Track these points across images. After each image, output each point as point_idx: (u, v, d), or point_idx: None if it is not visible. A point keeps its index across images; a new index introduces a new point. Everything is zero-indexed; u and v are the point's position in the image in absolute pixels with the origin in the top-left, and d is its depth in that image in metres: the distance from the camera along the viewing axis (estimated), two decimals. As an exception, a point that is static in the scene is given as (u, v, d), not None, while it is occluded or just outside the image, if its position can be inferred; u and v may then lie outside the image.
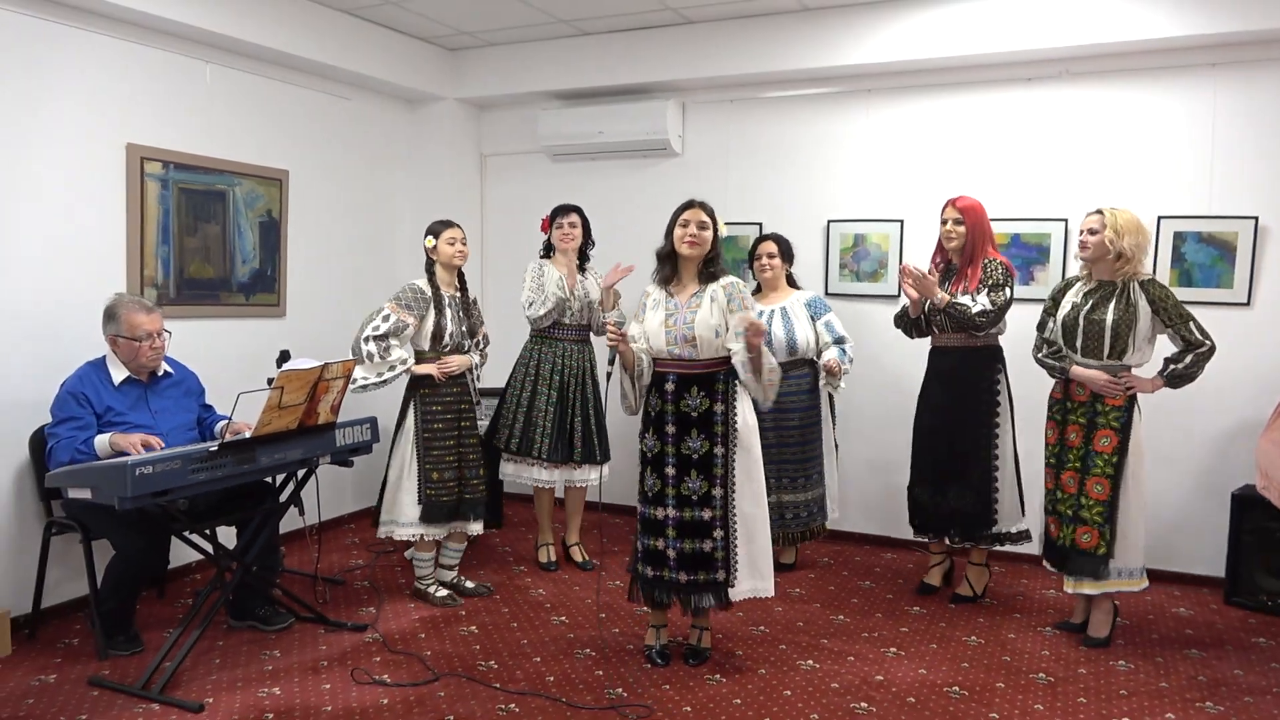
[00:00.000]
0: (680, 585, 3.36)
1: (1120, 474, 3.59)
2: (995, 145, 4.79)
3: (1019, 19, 4.45)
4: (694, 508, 3.33)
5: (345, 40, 4.99)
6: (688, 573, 3.34)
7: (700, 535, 3.33)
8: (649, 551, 3.40)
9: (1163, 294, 3.56)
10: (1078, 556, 3.64)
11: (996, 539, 4.08)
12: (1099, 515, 3.60)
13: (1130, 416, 3.59)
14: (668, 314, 3.36)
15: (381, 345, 3.88)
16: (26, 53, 3.75)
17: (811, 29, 4.88)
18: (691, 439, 3.34)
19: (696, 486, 3.33)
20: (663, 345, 3.34)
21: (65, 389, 3.49)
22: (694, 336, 3.31)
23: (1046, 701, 3.24)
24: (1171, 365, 3.61)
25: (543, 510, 4.69)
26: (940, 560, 4.34)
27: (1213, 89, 4.37)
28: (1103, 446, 3.61)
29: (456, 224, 4.11)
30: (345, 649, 3.64)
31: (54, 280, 3.87)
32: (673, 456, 3.35)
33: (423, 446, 3.98)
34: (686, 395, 3.34)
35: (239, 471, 3.30)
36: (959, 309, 3.92)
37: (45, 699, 3.19)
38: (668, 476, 3.36)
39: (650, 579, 3.40)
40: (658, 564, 3.38)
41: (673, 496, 3.34)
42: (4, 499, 3.73)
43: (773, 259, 4.47)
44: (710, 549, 3.33)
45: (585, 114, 5.53)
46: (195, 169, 4.43)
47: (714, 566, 3.34)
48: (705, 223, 3.36)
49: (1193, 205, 4.41)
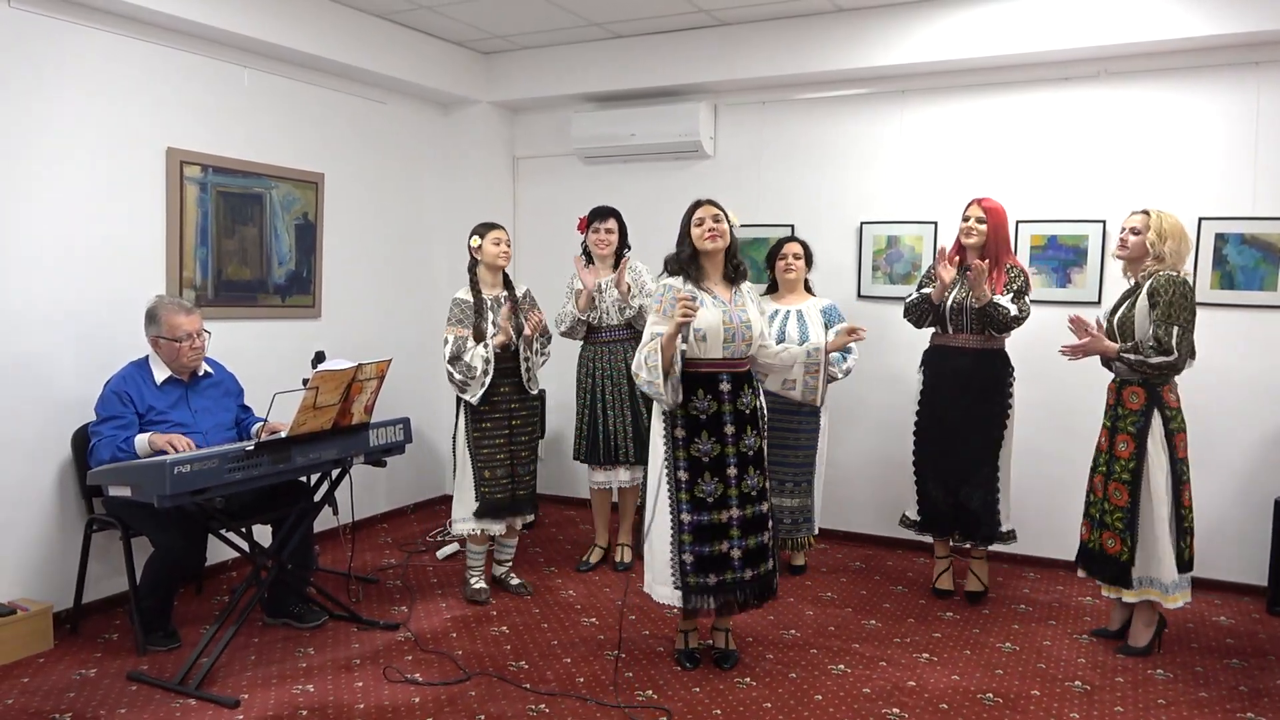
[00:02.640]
0: (745, 583, 3.34)
1: (1138, 480, 3.52)
2: (1031, 146, 4.73)
3: (1055, 19, 4.39)
4: (754, 503, 3.37)
5: (380, 45, 5.05)
6: (752, 569, 3.35)
7: (761, 529, 3.38)
8: (708, 558, 3.29)
9: (1166, 288, 3.41)
10: (1105, 561, 3.60)
11: (1001, 538, 4.12)
12: (1119, 521, 3.56)
13: (1146, 422, 3.50)
14: (723, 312, 3.32)
15: (461, 368, 3.95)
16: (70, 59, 3.83)
17: (845, 30, 4.85)
18: (747, 436, 3.36)
19: (755, 483, 3.37)
20: (720, 344, 3.30)
21: (110, 388, 3.57)
22: (750, 336, 3.34)
23: (1082, 710, 3.19)
24: (1127, 355, 3.46)
25: (599, 512, 4.76)
26: (946, 565, 4.34)
27: (1256, 87, 4.28)
28: (1121, 451, 3.57)
29: (501, 225, 4.16)
30: (378, 647, 3.68)
31: (96, 282, 3.94)
32: (734, 456, 3.34)
33: (473, 445, 4.03)
34: (741, 394, 3.36)
35: (274, 471, 3.34)
36: (1001, 310, 3.90)
37: (85, 692, 3.25)
38: (730, 477, 3.32)
39: (713, 587, 3.30)
40: (720, 568, 3.31)
41: (736, 496, 3.34)
42: (47, 496, 3.81)
43: (798, 259, 4.46)
44: (767, 540, 3.40)
45: (617, 116, 5.54)
46: (233, 172, 4.49)
47: (767, 557, 3.40)
48: (719, 216, 3.36)
49: (1235, 206, 4.33)
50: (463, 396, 4.01)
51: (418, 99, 5.68)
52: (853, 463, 5.13)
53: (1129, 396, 3.55)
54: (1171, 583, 3.51)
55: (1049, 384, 4.48)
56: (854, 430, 5.11)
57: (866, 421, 5.10)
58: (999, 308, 3.91)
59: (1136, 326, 3.50)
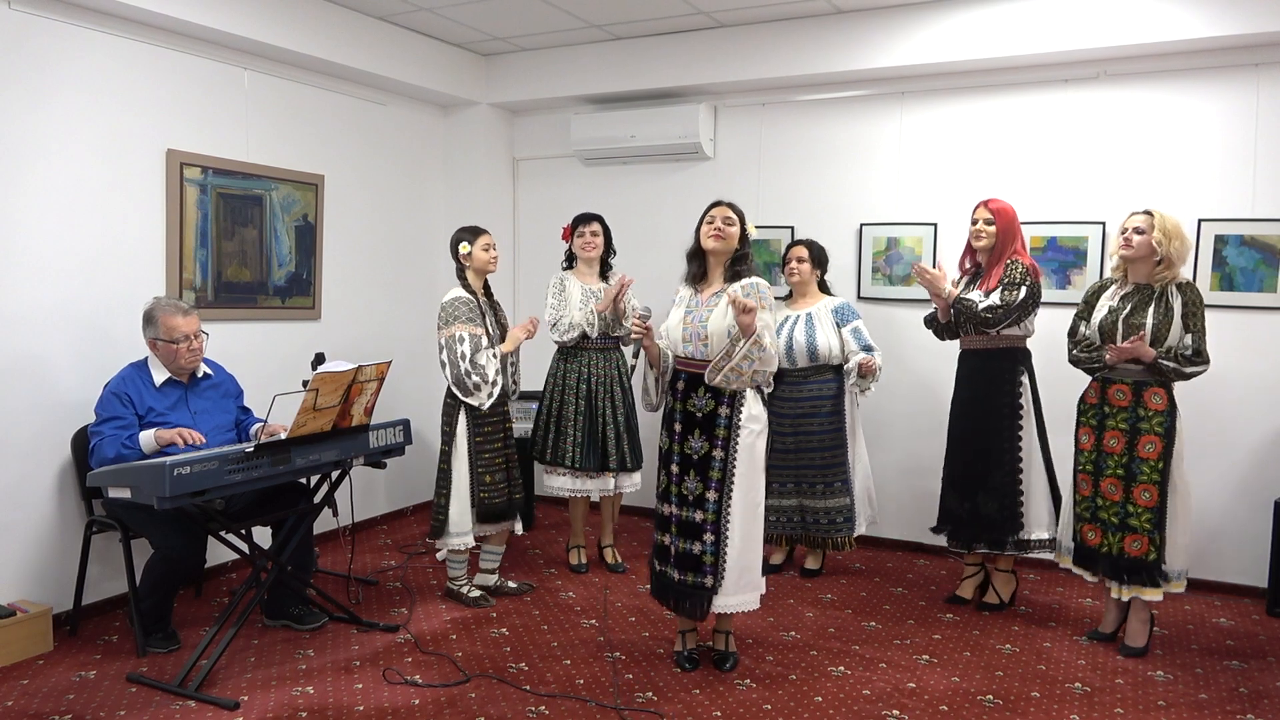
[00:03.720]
0: (674, 584, 3.39)
1: (1167, 480, 3.54)
2: (1031, 148, 4.73)
3: (1055, 20, 4.39)
4: (689, 508, 3.35)
5: (380, 46, 5.05)
6: (680, 572, 3.37)
7: (691, 537, 3.35)
8: (659, 546, 3.46)
9: (1198, 299, 3.54)
10: (1129, 564, 3.59)
11: (1023, 546, 4.01)
12: (1148, 523, 3.55)
13: (1174, 421, 3.54)
14: (687, 311, 3.40)
15: (480, 371, 3.89)
16: (70, 61, 3.83)
17: (844, 31, 4.85)
18: (694, 439, 3.35)
19: (693, 487, 3.35)
20: (679, 341, 3.39)
21: (109, 389, 3.56)
22: (705, 336, 3.32)
23: (1083, 712, 3.19)
24: (1164, 361, 3.49)
25: (576, 515, 4.71)
26: (975, 572, 4.26)
27: (1255, 89, 4.29)
28: (1148, 453, 3.55)
29: (487, 230, 4.12)
30: (377, 649, 3.67)
31: (96, 284, 3.94)
32: (678, 455, 3.39)
33: (474, 451, 3.99)
34: (694, 395, 3.35)
35: (274, 472, 3.34)
36: (965, 304, 3.90)
37: (85, 694, 3.25)
38: (673, 474, 3.41)
39: (657, 573, 3.48)
40: (664, 559, 3.44)
41: (675, 494, 3.40)
42: (47, 498, 3.81)
43: (801, 263, 4.45)
44: (700, 552, 3.33)
45: (617, 118, 5.54)
46: (233, 174, 4.49)
47: (703, 571, 3.33)
48: (731, 218, 3.38)
49: (1235, 208, 4.33)
50: (468, 400, 3.91)
51: (418, 100, 5.69)
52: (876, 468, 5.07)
53: (1151, 398, 3.56)
54: (1182, 570, 3.62)
55: (1045, 385, 4.46)
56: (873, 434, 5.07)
57: (866, 423, 5.06)
58: (964, 302, 3.90)
59: (1171, 333, 3.50)
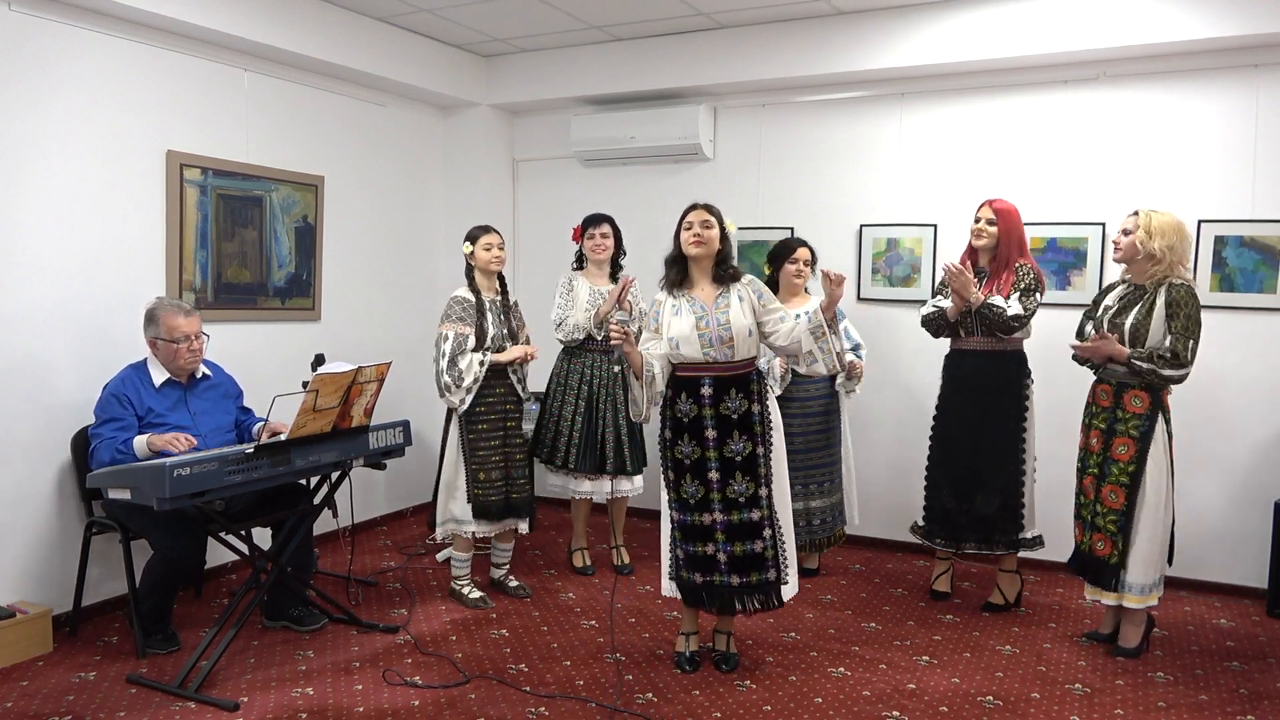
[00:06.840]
0: (734, 588, 3.34)
1: (1137, 484, 3.51)
2: (1031, 149, 4.73)
3: (1055, 21, 4.39)
4: (742, 510, 3.32)
5: (380, 47, 5.05)
6: (740, 575, 3.33)
7: (751, 537, 3.33)
8: (695, 557, 3.37)
9: (1184, 299, 3.43)
10: (1094, 564, 3.61)
11: (1023, 544, 4.05)
12: (1112, 524, 3.56)
13: (1151, 426, 3.50)
14: (698, 317, 3.34)
15: (455, 372, 3.90)
16: (70, 62, 3.83)
17: (844, 32, 4.85)
18: (734, 441, 3.32)
19: (743, 489, 3.32)
20: (697, 349, 3.32)
21: (108, 390, 3.56)
22: (730, 337, 3.30)
23: (1083, 713, 3.19)
24: (1137, 361, 3.44)
25: (578, 517, 4.71)
26: (946, 568, 4.33)
27: (1255, 90, 4.29)
28: (1120, 454, 3.55)
29: (494, 229, 4.14)
30: (377, 650, 3.67)
31: (96, 284, 3.94)
32: (715, 461, 3.33)
33: (468, 448, 4.01)
34: (726, 398, 3.33)
35: (274, 473, 3.34)
36: (995, 310, 3.87)
37: (85, 695, 3.25)
38: (712, 481, 3.33)
39: (699, 585, 3.37)
40: (707, 569, 3.35)
41: (719, 501, 3.32)
42: (47, 499, 3.81)
43: (808, 265, 4.46)
44: (761, 549, 3.34)
45: (617, 119, 5.54)
46: (233, 175, 4.49)
47: (765, 567, 3.34)
48: (709, 221, 3.36)
49: (1235, 209, 4.33)
50: (442, 399, 3.96)
51: (417, 101, 5.69)
52: (873, 468, 5.10)
53: (1130, 400, 3.53)
54: (1153, 582, 3.55)
55: (1044, 385, 4.47)
56: (853, 433, 5.10)
57: (864, 424, 5.09)
58: (993, 308, 3.88)
59: (1151, 334, 3.47)
